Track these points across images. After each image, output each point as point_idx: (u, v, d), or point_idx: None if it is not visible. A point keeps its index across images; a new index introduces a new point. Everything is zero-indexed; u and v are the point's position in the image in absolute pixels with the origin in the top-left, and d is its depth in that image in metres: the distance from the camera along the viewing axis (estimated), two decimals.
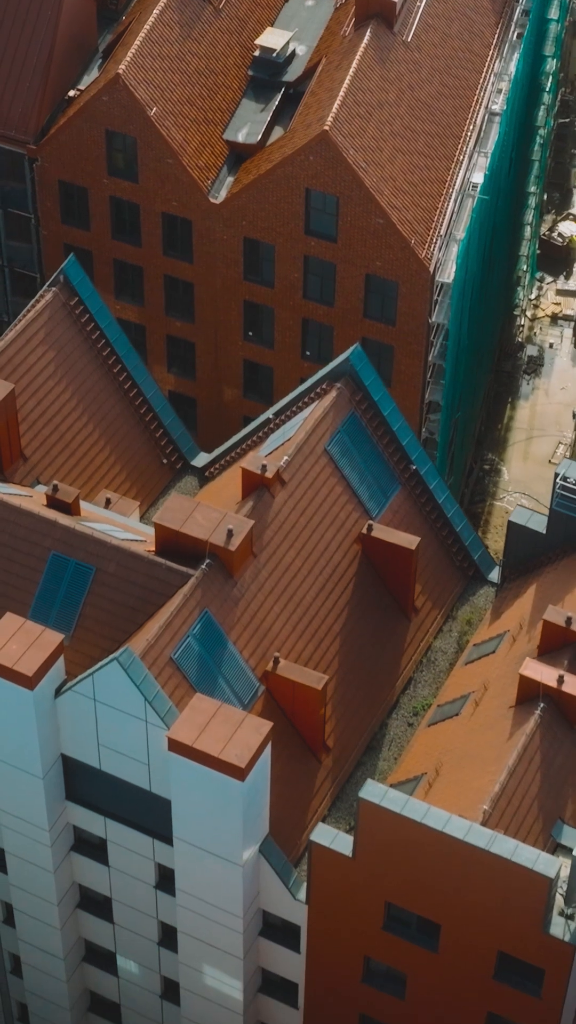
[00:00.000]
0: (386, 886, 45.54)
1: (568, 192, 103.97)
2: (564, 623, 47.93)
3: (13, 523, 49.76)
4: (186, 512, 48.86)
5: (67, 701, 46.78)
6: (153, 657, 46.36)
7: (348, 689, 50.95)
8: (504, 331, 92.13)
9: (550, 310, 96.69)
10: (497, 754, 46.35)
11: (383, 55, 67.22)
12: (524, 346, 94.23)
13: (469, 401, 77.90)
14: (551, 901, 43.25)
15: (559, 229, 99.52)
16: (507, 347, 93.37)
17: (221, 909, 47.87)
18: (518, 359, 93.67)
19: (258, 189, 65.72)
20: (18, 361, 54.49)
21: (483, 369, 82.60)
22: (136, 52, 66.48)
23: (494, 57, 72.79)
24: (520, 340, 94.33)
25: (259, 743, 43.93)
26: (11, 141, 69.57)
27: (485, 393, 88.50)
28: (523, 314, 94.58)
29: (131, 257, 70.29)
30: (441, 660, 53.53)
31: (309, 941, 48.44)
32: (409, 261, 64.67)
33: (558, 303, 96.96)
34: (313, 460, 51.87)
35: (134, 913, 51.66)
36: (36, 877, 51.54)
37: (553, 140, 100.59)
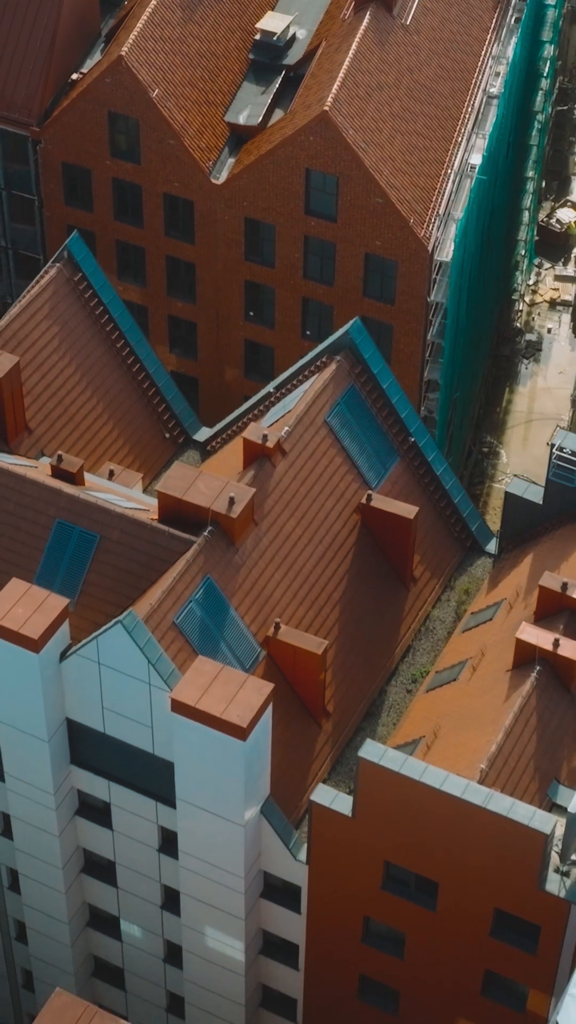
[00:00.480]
0: (385, 845, 46.42)
1: (566, 179, 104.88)
2: (560, 588, 48.85)
3: (19, 492, 50.65)
4: (188, 480, 49.74)
5: (72, 665, 47.67)
6: (156, 621, 47.24)
7: (348, 656, 51.82)
8: (503, 316, 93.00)
9: (548, 296, 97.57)
10: (494, 716, 47.25)
11: (382, 38, 68.10)
12: (523, 332, 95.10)
13: (468, 382, 78.76)
14: (547, 858, 44.12)
15: (557, 215, 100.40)
16: (505, 332, 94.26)
17: (223, 870, 48.73)
18: (516, 344, 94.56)
19: (259, 170, 66.61)
20: (23, 335, 55.35)
21: (481, 351, 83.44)
22: (138, 34, 67.37)
23: (492, 41, 73.65)
24: (518, 325, 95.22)
25: (260, 703, 44.82)
26: (15, 123, 70.43)
27: (484, 377, 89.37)
28: (521, 299, 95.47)
29: (133, 238, 71.17)
30: (439, 629, 54.40)
31: (309, 902, 49.32)
32: (408, 240, 65.56)
33: (556, 289, 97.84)
34: (313, 431, 52.74)
35: (137, 877, 52.52)
36: (41, 841, 52.41)
37: (551, 128, 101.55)
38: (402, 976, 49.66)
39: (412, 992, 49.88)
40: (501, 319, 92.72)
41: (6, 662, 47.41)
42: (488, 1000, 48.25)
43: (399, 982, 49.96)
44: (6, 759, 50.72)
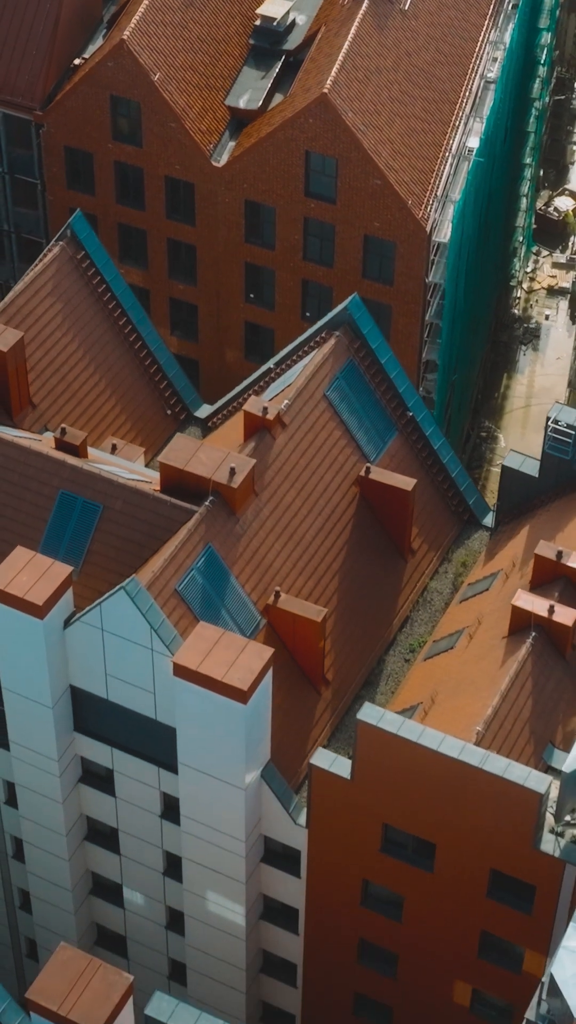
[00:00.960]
0: (383, 808, 47.24)
1: (564, 168, 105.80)
2: (555, 557, 49.69)
3: (23, 463, 51.51)
4: (190, 451, 50.61)
5: (75, 632, 48.50)
6: (158, 588, 48.08)
7: (347, 625, 52.66)
8: (500, 302, 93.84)
9: (546, 283, 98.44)
10: (490, 681, 48.09)
11: (381, 22, 68.95)
12: (521, 319, 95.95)
13: (466, 365, 79.58)
14: (541, 818, 44.95)
15: (555, 204, 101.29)
16: (503, 318, 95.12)
17: (224, 834, 49.55)
18: (514, 330, 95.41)
19: (259, 152, 67.46)
20: (27, 312, 56.18)
21: (479, 335, 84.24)
22: (140, 19, 68.24)
23: (489, 27, 74.46)
24: (516, 312, 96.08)
25: (261, 667, 45.66)
26: (18, 108, 71.27)
27: (482, 362, 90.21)
28: (519, 286, 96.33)
29: (135, 221, 72.00)
30: (437, 600, 55.23)
31: (309, 866, 50.14)
32: (406, 221, 66.40)
33: (554, 276, 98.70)
34: (312, 405, 53.58)
35: (140, 844, 53.35)
36: (45, 808, 53.23)
37: (549, 117, 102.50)
38: (400, 939, 50.47)
39: (410, 955, 50.70)
40: (499, 305, 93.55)
41: (11, 629, 48.24)
42: (485, 962, 49.07)
43: (398, 945, 50.77)
44: (11, 726, 51.54)
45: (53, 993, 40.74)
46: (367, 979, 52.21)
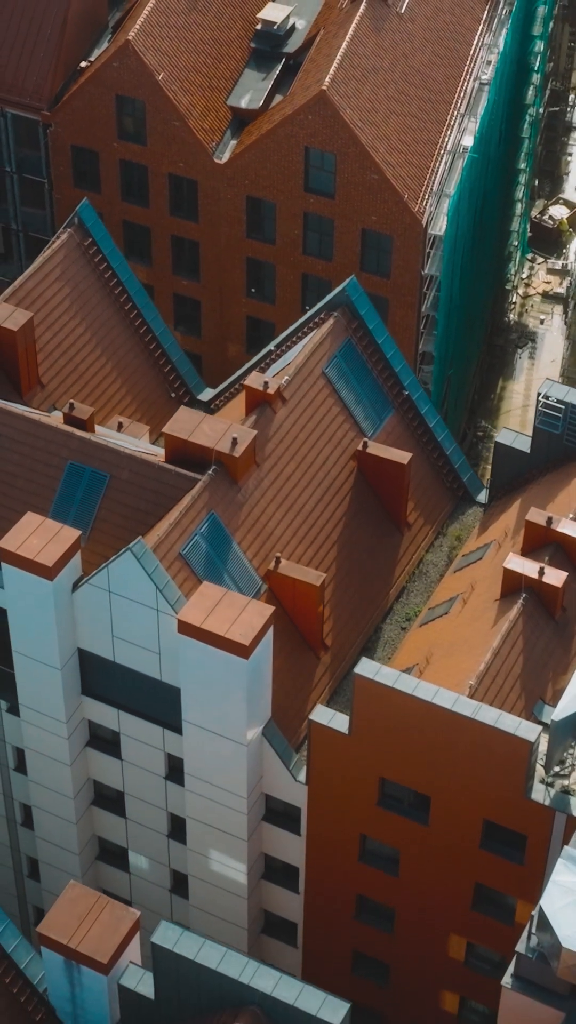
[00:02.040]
0: (380, 761, 49.03)
1: (559, 178, 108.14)
2: (545, 523, 51.61)
3: (33, 435, 53.50)
4: (194, 423, 52.61)
5: (83, 595, 50.38)
6: (163, 552, 49.98)
7: (345, 593, 54.54)
8: (496, 306, 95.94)
9: (541, 288, 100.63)
10: (483, 640, 49.95)
11: (378, 24, 71.21)
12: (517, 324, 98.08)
13: (462, 362, 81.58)
14: (532, 767, 46.73)
15: (550, 212, 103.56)
16: (499, 322, 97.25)
17: (227, 791, 51.31)
18: (510, 334, 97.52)
19: (260, 148, 69.65)
20: (36, 295, 58.21)
21: (475, 334, 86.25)
22: (145, 20, 70.53)
23: (484, 32, 76.76)
24: (513, 316, 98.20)
25: (262, 624, 47.54)
26: (26, 108, 73.49)
27: (479, 365, 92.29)
28: (515, 291, 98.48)
29: (139, 218, 74.13)
30: (432, 572, 57.12)
31: (309, 823, 51.87)
32: (403, 215, 68.54)
33: (548, 281, 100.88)
34: (312, 381, 55.57)
35: (145, 806, 55.10)
36: (54, 772, 55.00)
37: (544, 129, 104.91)
38: (397, 894, 52.17)
39: (407, 910, 52.39)
40: (495, 309, 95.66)
41: (22, 591, 50.14)
42: (479, 914, 50.76)
43: (394, 900, 52.48)
44: (21, 690, 53.38)
45: (63, 928, 42.55)
46: (365, 936, 53.86)
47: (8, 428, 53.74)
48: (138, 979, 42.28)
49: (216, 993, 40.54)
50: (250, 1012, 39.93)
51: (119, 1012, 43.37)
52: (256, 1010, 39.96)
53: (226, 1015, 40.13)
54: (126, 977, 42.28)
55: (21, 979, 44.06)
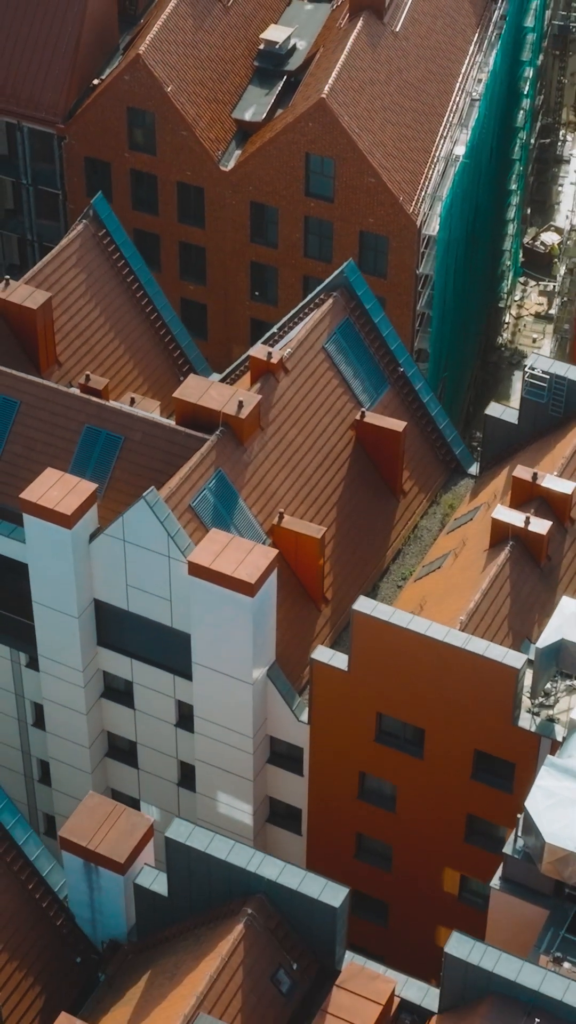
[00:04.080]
0: (377, 697, 52.37)
1: (551, 208, 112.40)
2: (531, 479, 55.19)
3: (51, 402, 57.22)
4: (202, 388, 56.39)
5: (99, 545, 53.91)
6: (175, 503, 53.55)
7: (344, 552, 58.05)
8: (490, 325, 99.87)
9: (533, 310, 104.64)
10: (473, 584, 53.42)
11: (374, 41, 75.53)
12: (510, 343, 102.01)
13: (457, 368, 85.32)
14: (518, 696, 50.10)
15: (541, 238, 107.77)
16: (493, 341, 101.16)
17: (234, 731, 54.61)
18: (503, 352, 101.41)
19: (263, 155, 73.77)
20: (53, 280, 62.06)
21: (470, 342, 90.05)
22: (154, 37, 74.89)
23: (475, 52, 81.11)
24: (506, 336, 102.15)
25: (267, 564, 51.06)
26: (42, 122, 77.74)
27: (473, 381, 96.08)
28: (508, 311, 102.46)
29: (149, 226, 78.16)
30: (427, 536, 60.64)
31: (311, 762, 55.10)
32: (398, 216, 72.56)
33: (541, 303, 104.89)
34: (312, 355, 59.33)
35: (156, 756, 58.38)
36: (71, 722, 58.32)
37: (535, 161, 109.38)
38: (394, 830, 55.34)
39: (403, 846, 55.52)
40: (489, 328, 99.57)
41: (42, 541, 53.69)
42: (471, 846, 53.93)
43: (392, 837, 55.63)
44: (41, 641, 56.80)
45: (83, 832, 45.75)
46: (365, 875, 56.93)
47: (28, 396, 57.45)
48: (152, 878, 45.45)
49: (225, 884, 43.69)
50: (257, 899, 43.10)
51: (135, 916, 46.51)
52: (262, 897, 43.14)
53: (234, 903, 43.31)
54: (141, 877, 45.45)
55: (43, 886, 47.20)
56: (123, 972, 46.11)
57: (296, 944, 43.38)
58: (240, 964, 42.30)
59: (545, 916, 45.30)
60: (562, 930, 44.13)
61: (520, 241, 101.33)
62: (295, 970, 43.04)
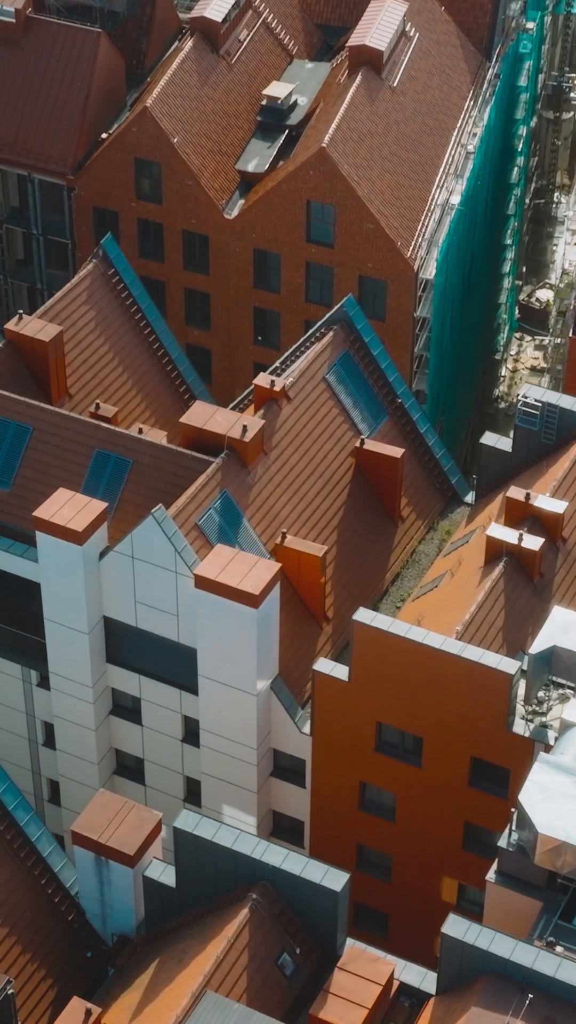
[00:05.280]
0: (377, 706, 54.29)
1: (545, 267, 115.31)
2: (523, 499, 57.38)
3: (63, 427, 59.53)
4: (208, 414, 58.73)
5: (109, 562, 56.04)
6: (181, 521, 55.72)
7: (344, 573, 60.14)
8: (487, 376, 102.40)
9: (529, 363, 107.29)
10: (468, 598, 55.48)
11: (373, 95, 78.45)
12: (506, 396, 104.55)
13: (454, 413, 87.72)
14: (512, 702, 52.05)
15: (537, 295, 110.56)
16: (489, 393, 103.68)
17: (239, 743, 56.51)
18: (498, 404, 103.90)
19: (266, 203, 76.48)
20: (64, 315, 64.51)
21: (467, 390, 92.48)
22: (161, 90, 77.80)
23: (470, 108, 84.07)
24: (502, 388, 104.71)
25: (270, 577, 53.17)
26: (52, 173, 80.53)
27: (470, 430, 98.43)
28: (504, 364, 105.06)
29: (155, 273, 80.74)
30: (424, 560, 62.76)
31: (313, 774, 56.94)
32: (396, 261, 75.17)
33: (536, 357, 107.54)
34: (313, 384, 61.70)
35: (163, 772, 60.23)
36: (80, 738, 60.21)
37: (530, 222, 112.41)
38: (394, 840, 57.08)
39: (403, 856, 57.24)
40: (486, 379, 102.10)
41: (54, 558, 55.83)
42: (468, 853, 55.66)
43: (392, 847, 57.36)
44: (52, 657, 58.81)
45: (94, 826, 47.60)
46: (366, 885, 58.59)
47: (41, 422, 59.75)
48: (161, 871, 47.22)
49: (231, 872, 45.47)
50: (261, 886, 44.90)
51: (143, 909, 48.25)
52: (267, 884, 44.93)
53: (239, 889, 45.10)
54: (150, 870, 47.22)
55: (55, 882, 48.98)
56: (132, 963, 47.80)
57: (299, 930, 45.11)
58: (245, 946, 44.03)
59: (538, 907, 47.03)
60: (555, 917, 45.89)
61: (516, 297, 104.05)
62: (298, 954, 44.74)
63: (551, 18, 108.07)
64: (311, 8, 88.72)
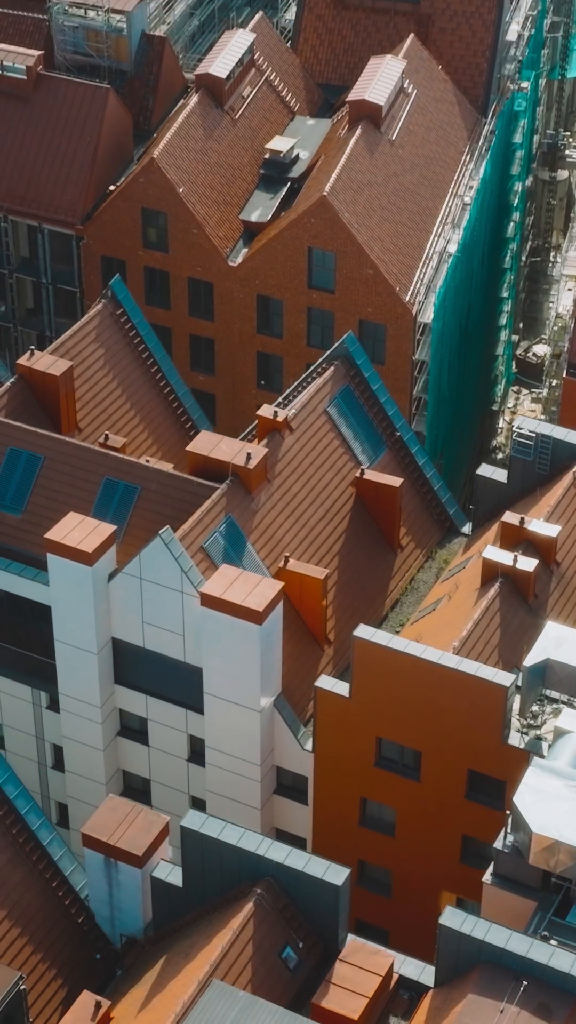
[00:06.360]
0: (377, 721, 56.05)
1: (542, 323, 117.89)
2: (518, 523, 59.38)
3: (73, 456, 61.66)
4: (213, 443, 60.91)
5: (118, 584, 57.98)
6: (188, 543, 57.69)
7: (345, 597, 62.05)
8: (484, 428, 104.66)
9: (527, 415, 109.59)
10: (465, 618, 57.35)
11: (372, 147, 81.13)
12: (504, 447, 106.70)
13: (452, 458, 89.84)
14: (508, 715, 53.83)
15: (533, 350, 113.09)
16: (488, 444, 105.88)
17: (243, 760, 58.23)
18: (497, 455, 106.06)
19: (269, 251, 78.98)
20: (74, 353, 66.78)
21: (464, 436, 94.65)
22: (168, 143, 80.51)
23: (466, 162, 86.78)
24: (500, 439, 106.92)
25: (274, 595, 55.10)
26: (61, 223, 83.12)
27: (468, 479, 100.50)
28: (501, 416, 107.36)
29: (161, 320, 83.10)
30: (423, 588, 64.68)
31: (315, 790, 58.63)
32: (395, 305, 77.56)
33: (533, 409, 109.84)
34: (315, 417, 63.87)
35: (169, 792, 61.90)
36: (88, 759, 61.92)
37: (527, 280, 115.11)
38: (394, 855, 58.66)
39: (402, 871, 58.82)
40: (484, 430, 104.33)
41: (64, 579, 57.78)
42: (466, 867, 57.22)
43: (391, 862, 58.94)
44: (62, 678, 60.62)
45: (103, 829, 49.31)
46: (367, 901, 60.11)
47: (52, 451, 61.88)
48: (168, 871, 48.88)
49: (235, 870, 47.13)
50: (265, 882, 46.55)
51: (151, 911, 49.86)
52: (271, 880, 46.59)
53: (244, 885, 46.75)
54: (158, 870, 48.89)
55: (65, 885, 50.62)
56: (139, 963, 49.36)
57: (302, 925, 46.72)
58: (250, 939, 45.64)
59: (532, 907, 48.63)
60: (548, 913, 47.51)
61: (513, 351, 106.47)
62: (301, 948, 46.32)
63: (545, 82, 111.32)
64: (312, 68, 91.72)
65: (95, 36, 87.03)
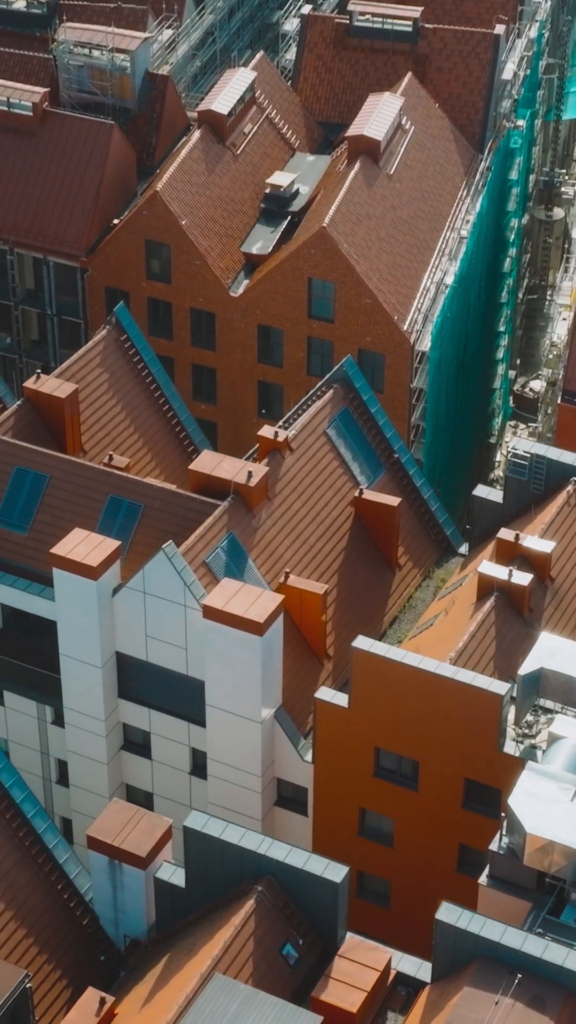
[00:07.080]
0: (376, 731, 57.22)
1: (538, 361, 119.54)
2: (513, 539, 60.73)
3: (78, 475, 63.11)
4: (215, 462, 62.34)
5: (122, 599, 59.29)
6: (190, 558, 59.04)
7: (344, 614, 63.35)
8: (482, 460, 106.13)
9: None
10: (461, 631, 58.62)
11: (370, 181, 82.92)
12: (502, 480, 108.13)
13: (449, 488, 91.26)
14: (503, 724, 55.03)
15: (530, 385, 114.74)
16: (486, 476, 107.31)
17: (244, 771, 59.38)
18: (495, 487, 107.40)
19: (269, 281, 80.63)
20: (79, 377, 68.31)
21: (462, 469, 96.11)
22: (171, 176, 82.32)
23: (463, 197, 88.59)
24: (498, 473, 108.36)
25: (275, 607, 56.41)
26: (66, 256, 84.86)
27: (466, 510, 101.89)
28: (498, 449, 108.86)
29: (164, 350, 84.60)
30: (420, 606, 65.98)
31: (315, 801, 59.76)
32: (393, 334, 79.16)
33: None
34: (314, 438, 65.33)
35: (171, 805, 62.98)
36: (92, 773, 63.09)
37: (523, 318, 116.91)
38: (392, 866, 59.72)
39: (401, 881, 59.86)
40: (481, 462, 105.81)
41: (70, 593, 59.09)
42: (464, 876, 58.25)
43: (390, 872, 59.99)
44: (66, 692, 61.85)
45: (108, 831, 50.46)
46: (365, 913, 61.09)
47: (57, 470, 63.33)
48: (171, 873, 49.99)
49: (237, 869, 48.25)
50: (266, 880, 47.67)
51: (155, 913, 50.95)
52: (271, 879, 47.70)
53: (246, 883, 47.88)
54: (161, 872, 50.01)
55: (71, 888, 51.74)
56: (142, 963, 50.41)
57: (302, 922, 47.81)
58: (251, 935, 46.72)
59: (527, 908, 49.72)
60: (543, 912, 48.61)
61: (510, 385, 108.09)
62: (301, 945, 47.40)
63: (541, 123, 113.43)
64: (312, 106, 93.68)
65: (99, 75, 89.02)
